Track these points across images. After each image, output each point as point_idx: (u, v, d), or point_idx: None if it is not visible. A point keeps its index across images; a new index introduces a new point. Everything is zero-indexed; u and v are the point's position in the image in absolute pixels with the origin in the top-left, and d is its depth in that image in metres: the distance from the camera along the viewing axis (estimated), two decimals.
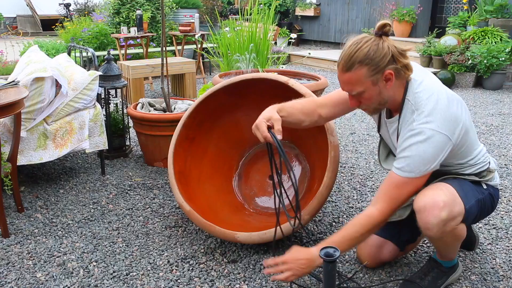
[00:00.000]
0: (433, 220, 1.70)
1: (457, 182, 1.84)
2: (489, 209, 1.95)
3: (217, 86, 2.55)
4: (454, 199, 1.73)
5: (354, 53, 1.66)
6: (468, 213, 1.78)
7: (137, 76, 5.10)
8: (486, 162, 1.93)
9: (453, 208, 1.71)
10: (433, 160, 1.69)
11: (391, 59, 1.66)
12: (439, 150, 1.68)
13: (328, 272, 1.77)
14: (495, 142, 4.07)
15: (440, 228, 1.71)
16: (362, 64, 1.65)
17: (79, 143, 2.97)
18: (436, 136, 1.66)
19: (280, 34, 9.60)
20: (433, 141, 1.66)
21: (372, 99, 1.75)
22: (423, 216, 1.72)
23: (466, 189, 1.82)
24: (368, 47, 1.65)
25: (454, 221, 1.73)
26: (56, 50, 6.34)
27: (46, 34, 11.59)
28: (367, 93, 1.72)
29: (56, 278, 2.08)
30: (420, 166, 1.69)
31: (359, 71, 1.67)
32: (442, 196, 1.71)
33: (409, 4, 8.16)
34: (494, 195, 1.94)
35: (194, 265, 2.19)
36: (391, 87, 1.72)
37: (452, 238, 1.81)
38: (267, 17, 4.40)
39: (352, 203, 2.87)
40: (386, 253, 2.11)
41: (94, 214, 2.68)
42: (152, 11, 7.44)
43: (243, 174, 2.76)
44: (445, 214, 1.69)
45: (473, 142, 1.86)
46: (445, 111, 1.69)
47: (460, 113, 1.74)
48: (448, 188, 1.76)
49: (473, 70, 6.49)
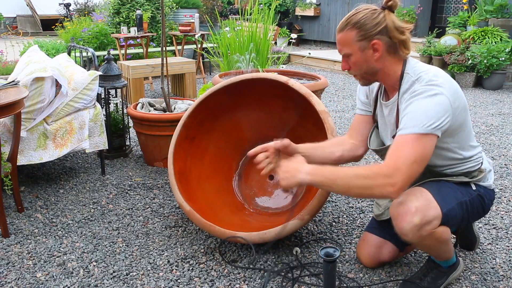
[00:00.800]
0: (406, 226, 1.70)
1: (436, 185, 1.81)
2: (479, 210, 1.91)
3: (217, 86, 2.55)
4: (428, 204, 1.72)
5: (351, 16, 1.74)
6: (448, 216, 1.76)
7: (137, 76, 5.11)
8: (479, 162, 1.91)
9: (427, 212, 1.70)
10: (437, 117, 1.59)
11: (383, 31, 1.70)
12: (443, 110, 1.60)
13: (328, 272, 1.77)
14: (495, 142, 4.07)
15: (415, 233, 1.70)
16: (353, 27, 1.72)
17: (79, 143, 2.97)
18: (439, 95, 1.61)
19: (280, 34, 9.60)
20: (436, 98, 1.61)
21: (358, 65, 1.77)
22: (397, 223, 1.73)
23: (445, 192, 1.79)
24: (364, 13, 1.71)
25: (430, 225, 1.70)
26: (56, 50, 6.34)
27: (46, 34, 11.58)
28: (354, 57, 1.76)
29: (56, 278, 2.08)
30: (424, 120, 1.58)
31: (349, 33, 1.73)
32: (415, 202, 1.70)
33: (409, 4, 8.16)
34: (485, 196, 1.90)
35: (194, 265, 2.19)
36: (380, 59, 1.74)
37: (434, 241, 1.79)
38: (267, 17, 4.40)
39: (352, 203, 2.87)
40: (385, 253, 2.12)
41: (94, 214, 2.68)
42: (152, 11, 7.44)
43: (243, 174, 2.76)
44: (418, 219, 1.68)
45: (469, 134, 1.84)
46: (449, 78, 1.69)
47: (460, 91, 1.74)
48: (422, 193, 1.75)
49: (473, 70, 6.49)
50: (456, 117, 1.69)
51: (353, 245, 2.37)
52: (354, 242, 2.40)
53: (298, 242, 2.39)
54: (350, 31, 1.73)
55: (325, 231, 2.52)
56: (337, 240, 2.42)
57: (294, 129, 2.70)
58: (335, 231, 2.52)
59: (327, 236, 2.46)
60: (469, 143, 1.86)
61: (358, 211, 2.75)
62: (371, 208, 2.79)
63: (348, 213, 2.73)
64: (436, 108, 1.61)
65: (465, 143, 1.84)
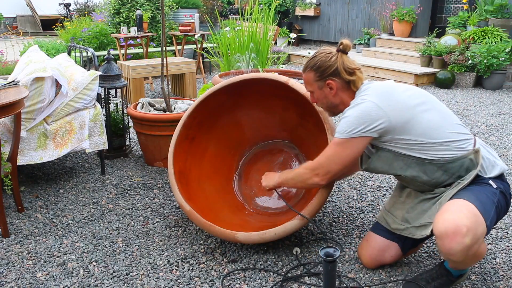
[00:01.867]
0: (457, 247, 1.65)
1: (473, 194, 1.79)
2: (504, 208, 1.90)
3: (217, 86, 2.55)
4: (476, 220, 1.68)
5: (310, 59, 2.03)
6: (489, 228, 1.75)
7: (137, 76, 5.11)
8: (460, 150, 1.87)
9: (477, 231, 1.66)
10: (358, 123, 1.86)
11: (335, 72, 1.97)
12: (365, 114, 1.86)
13: (328, 272, 1.77)
14: (495, 142, 4.07)
15: (464, 253, 1.67)
16: (311, 70, 2.01)
17: (79, 143, 2.97)
18: (364, 102, 1.88)
19: (280, 34, 9.60)
20: (360, 106, 1.89)
21: (321, 100, 2.07)
22: (445, 243, 1.67)
23: (483, 200, 1.77)
24: (319, 57, 1.99)
25: (478, 243, 1.69)
26: (56, 50, 6.34)
27: (46, 34, 11.58)
28: (315, 94, 2.06)
29: (56, 278, 2.08)
30: (346, 127, 1.89)
31: (309, 74, 2.03)
32: (464, 220, 1.66)
33: (409, 4, 8.16)
34: (506, 191, 1.89)
35: (194, 265, 2.19)
36: (337, 95, 2.01)
37: (475, 259, 1.79)
38: (267, 17, 4.40)
39: (352, 203, 2.87)
40: (388, 256, 2.11)
41: (94, 214, 2.68)
42: (152, 11, 7.44)
43: (243, 174, 2.76)
44: (469, 239, 1.64)
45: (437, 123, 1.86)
46: (379, 88, 1.92)
47: (403, 93, 1.90)
48: (468, 208, 1.71)
49: (473, 70, 6.49)
50: (396, 116, 1.85)
51: (353, 245, 2.37)
52: (354, 242, 2.40)
53: (298, 242, 2.39)
54: (309, 73, 2.03)
55: (325, 231, 2.52)
56: (337, 240, 2.42)
57: (294, 129, 2.70)
58: (335, 231, 2.52)
59: (327, 236, 2.46)
60: (441, 134, 1.86)
61: (358, 211, 2.75)
62: (371, 208, 2.79)
63: (348, 213, 2.73)
64: (358, 114, 1.88)
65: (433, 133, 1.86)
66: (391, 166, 1.97)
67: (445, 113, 1.93)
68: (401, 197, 2.14)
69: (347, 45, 1.98)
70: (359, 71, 1.98)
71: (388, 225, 2.11)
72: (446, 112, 1.94)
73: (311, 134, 2.59)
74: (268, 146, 2.80)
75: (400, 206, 2.10)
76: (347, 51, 2.00)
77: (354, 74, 1.97)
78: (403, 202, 2.10)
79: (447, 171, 1.89)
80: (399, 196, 2.15)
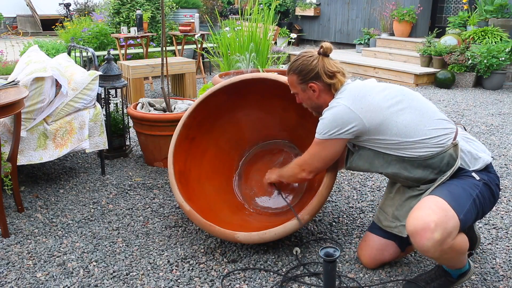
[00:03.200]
0: (428, 243, 1.67)
1: (447, 188, 1.81)
2: (490, 199, 1.89)
3: (217, 86, 2.55)
4: (446, 215, 1.70)
5: (293, 62, 2.09)
6: (465, 221, 1.75)
7: (137, 76, 5.11)
8: (439, 146, 1.87)
9: (446, 225, 1.68)
10: (332, 126, 1.94)
11: (316, 76, 2.02)
12: (338, 118, 1.93)
13: (328, 272, 1.77)
14: (495, 142, 4.07)
15: (437, 248, 1.68)
16: (294, 73, 2.08)
17: (79, 143, 2.97)
18: (338, 106, 1.95)
19: (280, 34, 9.60)
20: (333, 110, 1.96)
21: (305, 101, 2.14)
22: (417, 240, 1.70)
23: (457, 194, 1.78)
24: (301, 61, 2.06)
25: (450, 237, 1.70)
26: (56, 50, 6.34)
27: (46, 34, 11.58)
28: (300, 95, 2.13)
29: (56, 278, 2.08)
30: (322, 129, 1.98)
31: (292, 77, 2.10)
32: (432, 216, 1.68)
33: (409, 4, 8.16)
34: (491, 182, 1.88)
35: (194, 265, 2.19)
36: (320, 97, 2.07)
37: (454, 254, 1.79)
38: (267, 17, 4.40)
39: (352, 203, 2.87)
40: (387, 255, 2.11)
41: (94, 214, 2.68)
42: (152, 11, 7.44)
43: (243, 174, 2.76)
44: (439, 234, 1.66)
45: (413, 121, 1.87)
46: (353, 90, 1.97)
47: (378, 94, 1.92)
48: (437, 203, 1.73)
49: (473, 70, 6.49)
50: (369, 118, 1.89)
51: (353, 245, 2.37)
52: (354, 242, 2.40)
53: (298, 242, 2.39)
54: (292, 76, 2.10)
55: (325, 231, 2.52)
56: (337, 240, 2.42)
57: (294, 129, 2.70)
58: (335, 231, 2.52)
59: (327, 236, 2.46)
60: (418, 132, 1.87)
61: (358, 211, 2.75)
62: (371, 208, 2.79)
63: (348, 213, 2.73)
64: (332, 118, 1.94)
65: (410, 132, 1.87)
66: (372, 164, 2.01)
67: (424, 110, 1.93)
68: (391, 193, 2.16)
69: (327, 48, 2.03)
70: (339, 74, 2.03)
71: (380, 222, 2.14)
72: (425, 108, 1.94)
73: (311, 134, 2.58)
74: (268, 146, 2.80)
75: (390, 202, 2.13)
76: (328, 54, 2.05)
77: (334, 77, 2.03)
78: (393, 198, 2.13)
79: (427, 167, 1.90)
80: (389, 193, 2.18)
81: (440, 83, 6.53)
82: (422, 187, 1.96)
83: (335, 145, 2.00)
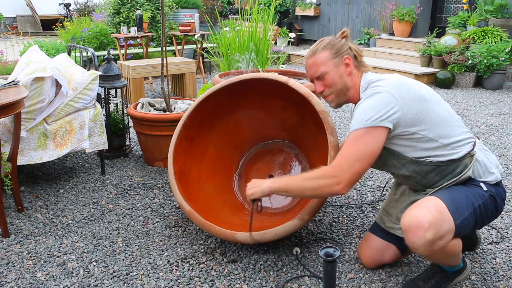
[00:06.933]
0: (418, 241, 1.68)
1: (449, 193, 1.80)
2: (493, 212, 1.89)
3: (217, 86, 2.55)
4: (442, 217, 1.70)
5: (318, 43, 2.00)
6: (461, 227, 1.75)
7: (137, 76, 5.10)
8: (459, 151, 1.86)
9: (440, 227, 1.68)
10: (375, 111, 1.76)
11: (348, 50, 1.97)
12: (382, 104, 1.77)
13: (328, 272, 1.77)
14: (495, 142, 4.07)
15: (427, 248, 1.69)
16: (325, 48, 1.96)
17: (79, 143, 2.97)
18: (380, 93, 1.80)
19: (280, 34, 9.60)
20: (376, 96, 1.81)
21: (334, 82, 1.95)
22: (408, 236, 1.72)
23: (458, 200, 1.78)
24: (329, 39, 1.99)
25: (443, 240, 1.70)
26: (56, 50, 6.34)
27: (46, 34, 11.58)
28: (329, 74, 1.94)
29: (56, 278, 2.08)
30: (362, 116, 1.78)
31: (323, 53, 1.96)
32: (428, 216, 1.68)
33: (409, 4, 8.16)
34: (497, 195, 1.88)
35: (194, 265, 2.19)
36: (351, 74, 1.96)
37: (444, 255, 1.79)
38: (267, 17, 4.39)
39: (352, 203, 2.87)
40: (387, 256, 2.11)
41: (94, 214, 2.68)
42: (152, 11, 7.44)
43: (243, 174, 2.76)
44: (431, 235, 1.66)
45: (441, 122, 1.84)
46: (394, 79, 1.87)
47: (415, 85, 1.86)
48: (435, 205, 1.73)
49: (473, 70, 6.49)
50: (409, 107, 1.79)
51: (353, 245, 2.37)
52: (354, 242, 2.40)
53: (298, 242, 2.39)
54: (323, 52, 1.96)
55: (325, 231, 2.52)
56: (337, 240, 2.42)
57: (294, 129, 2.70)
58: (335, 231, 2.52)
59: (327, 236, 2.46)
60: (445, 131, 1.85)
61: (358, 211, 2.75)
62: (371, 208, 2.79)
63: (348, 213, 2.73)
64: (375, 103, 1.79)
65: (440, 130, 1.83)
66: (385, 163, 1.97)
67: (451, 112, 1.93)
68: (395, 194, 2.16)
69: (349, 33, 2.02)
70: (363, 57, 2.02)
71: (383, 223, 2.14)
72: (451, 111, 1.94)
73: (311, 134, 2.59)
74: (268, 146, 2.80)
75: (394, 204, 2.13)
76: (347, 38, 2.04)
77: (361, 56, 2.01)
78: (397, 201, 2.12)
79: (440, 173, 1.89)
80: (394, 194, 2.17)
81: (440, 83, 6.53)
82: (428, 191, 1.95)
83: (378, 136, 1.76)
